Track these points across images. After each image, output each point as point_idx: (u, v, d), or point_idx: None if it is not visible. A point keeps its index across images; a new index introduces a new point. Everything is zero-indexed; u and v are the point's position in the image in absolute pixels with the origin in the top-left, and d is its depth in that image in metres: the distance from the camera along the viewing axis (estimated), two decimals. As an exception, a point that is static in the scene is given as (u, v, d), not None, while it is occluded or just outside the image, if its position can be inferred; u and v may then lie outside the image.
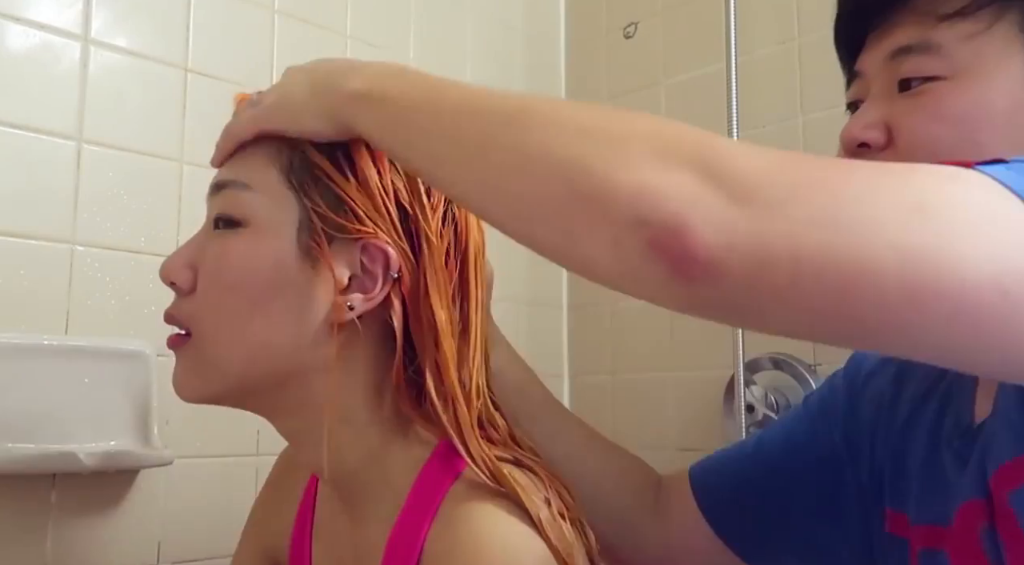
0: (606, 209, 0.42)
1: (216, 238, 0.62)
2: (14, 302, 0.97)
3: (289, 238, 0.60)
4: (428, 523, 0.59)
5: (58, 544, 0.98)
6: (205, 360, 0.62)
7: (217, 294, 0.61)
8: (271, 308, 0.60)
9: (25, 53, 1.01)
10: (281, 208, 0.61)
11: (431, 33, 1.47)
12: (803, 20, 1.36)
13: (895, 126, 0.62)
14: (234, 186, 0.62)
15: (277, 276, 0.60)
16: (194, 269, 0.63)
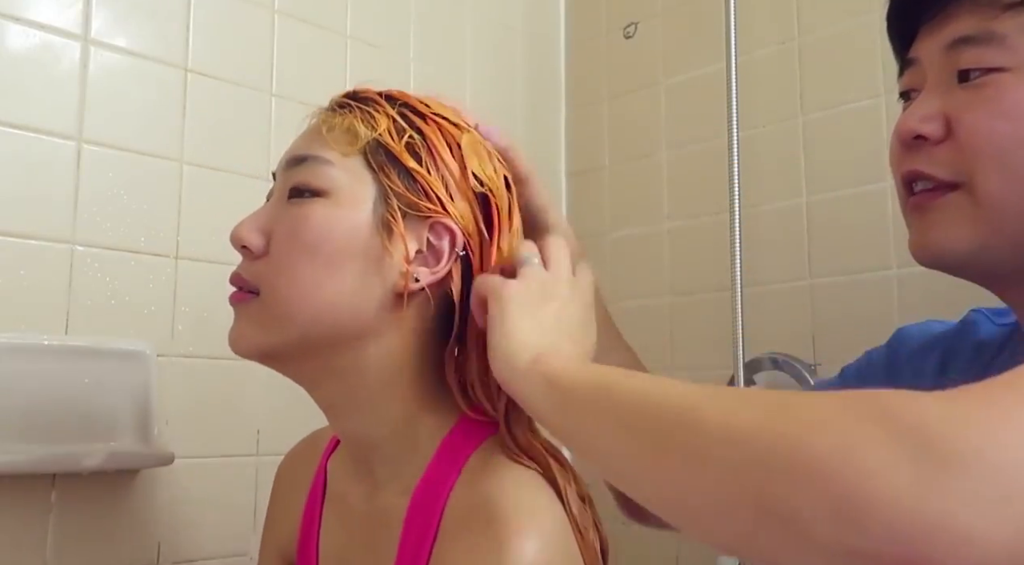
0: (805, 535, 0.36)
1: (294, 206, 0.66)
2: (14, 302, 0.97)
3: (366, 210, 0.65)
4: (451, 484, 0.62)
5: (58, 544, 0.98)
6: (271, 315, 0.65)
7: (293, 254, 0.65)
8: (343, 271, 0.64)
9: (25, 53, 1.01)
10: (360, 184, 0.65)
11: (431, 33, 1.47)
12: (803, 20, 1.36)
13: (954, 119, 0.60)
14: (316, 161, 0.66)
15: (352, 242, 0.64)
16: (266, 234, 0.66)
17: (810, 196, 1.33)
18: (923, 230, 0.63)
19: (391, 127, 0.67)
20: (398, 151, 0.66)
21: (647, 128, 1.55)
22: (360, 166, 0.66)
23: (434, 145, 0.67)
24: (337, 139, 0.66)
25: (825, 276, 1.30)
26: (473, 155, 0.68)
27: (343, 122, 0.67)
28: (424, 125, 0.68)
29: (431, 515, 0.62)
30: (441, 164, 0.66)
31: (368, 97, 0.70)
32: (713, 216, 1.42)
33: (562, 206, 1.67)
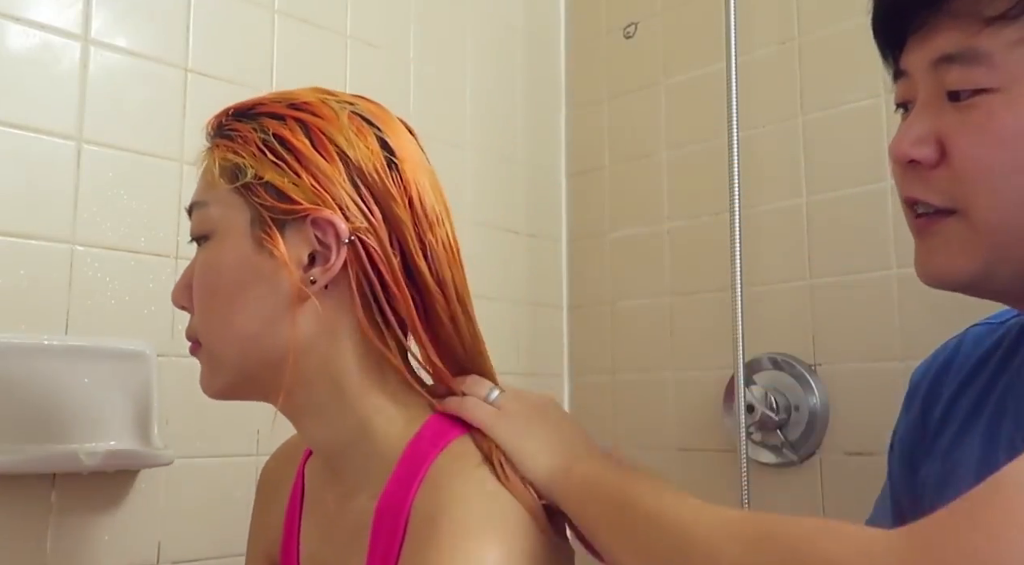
0: None
1: (197, 255, 0.71)
2: (14, 302, 0.97)
3: (244, 235, 0.67)
4: (415, 488, 0.63)
5: (58, 544, 0.98)
6: (212, 360, 0.70)
7: (204, 302, 0.69)
8: (246, 301, 0.67)
9: (25, 53, 1.01)
10: (234, 212, 0.67)
11: (431, 33, 1.47)
12: (803, 20, 1.36)
13: (947, 142, 0.59)
14: (197, 207, 0.70)
15: (242, 272, 0.67)
16: (191, 288, 0.71)
17: (810, 196, 1.33)
18: (925, 254, 0.63)
19: (253, 147, 0.67)
20: (259, 166, 0.66)
21: (647, 128, 1.55)
22: (231, 195, 0.67)
23: (293, 145, 0.66)
24: (207, 178, 0.69)
25: (825, 276, 1.30)
26: (339, 136, 0.67)
27: (209, 160, 0.70)
28: (282, 127, 0.67)
29: (397, 520, 0.62)
30: (305, 160, 0.66)
31: (228, 125, 0.70)
32: (713, 216, 1.42)
33: (562, 206, 1.67)
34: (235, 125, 0.69)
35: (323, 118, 0.68)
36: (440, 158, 1.46)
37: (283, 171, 0.66)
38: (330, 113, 0.68)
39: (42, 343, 0.97)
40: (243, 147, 0.67)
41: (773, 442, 1.30)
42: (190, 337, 0.72)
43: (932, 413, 0.74)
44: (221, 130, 0.70)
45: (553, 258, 1.64)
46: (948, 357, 0.76)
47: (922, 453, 0.74)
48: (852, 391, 1.25)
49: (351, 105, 0.70)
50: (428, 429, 0.67)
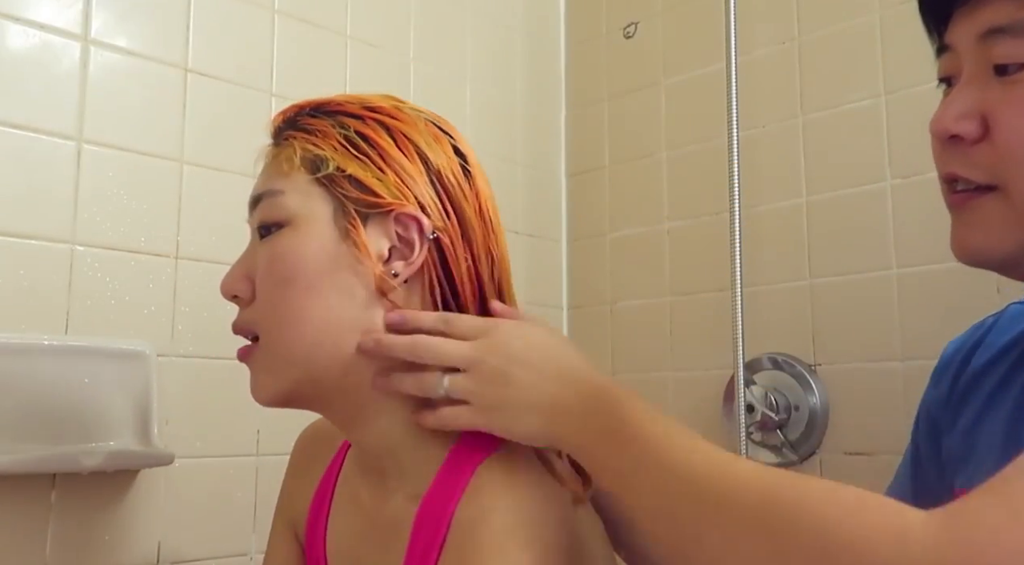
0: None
1: (263, 245, 0.68)
2: (14, 302, 0.97)
3: (327, 225, 0.66)
4: (459, 495, 0.63)
5: (58, 544, 0.98)
6: (276, 356, 0.67)
7: (275, 292, 0.66)
8: (325, 291, 0.65)
9: (25, 53, 1.01)
10: (315, 202, 0.66)
11: (431, 33, 1.47)
12: (803, 20, 1.36)
13: (991, 117, 0.57)
14: (268, 195, 0.68)
15: (323, 261, 0.65)
16: (250, 279, 0.68)
17: (810, 196, 1.33)
18: (961, 230, 0.62)
19: (334, 141, 0.67)
20: (341, 159, 0.67)
21: (647, 128, 1.55)
22: (311, 185, 0.67)
23: (376, 142, 0.67)
24: (283, 168, 0.68)
25: (825, 276, 1.30)
26: (419, 139, 0.68)
27: (287, 151, 0.68)
28: (363, 126, 0.68)
29: (438, 525, 0.62)
30: (388, 157, 0.67)
31: (302, 120, 0.70)
32: (713, 216, 1.42)
33: (562, 206, 1.67)
34: (310, 121, 0.69)
35: (402, 121, 0.69)
36: (440, 158, 1.47)
37: (367, 165, 0.66)
38: (408, 117, 0.69)
39: (42, 343, 0.97)
40: (323, 140, 0.67)
41: (773, 442, 1.31)
42: (243, 330, 0.69)
43: (957, 387, 0.74)
44: (296, 124, 0.70)
45: (553, 258, 1.64)
46: (982, 335, 0.75)
47: (945, 426, 0.74)
48: (852, 391, 1.25)
49: (422, 113, 0.72)
50: (470, 435, 0.66)
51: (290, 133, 0.70)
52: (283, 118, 0.72)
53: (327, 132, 0.68)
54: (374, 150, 0.67)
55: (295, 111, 0.72)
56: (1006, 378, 0.68)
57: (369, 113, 0.69)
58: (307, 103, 0.72)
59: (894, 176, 1.24)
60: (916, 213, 1.21)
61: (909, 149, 1.23)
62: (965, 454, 0.69)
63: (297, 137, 0.69)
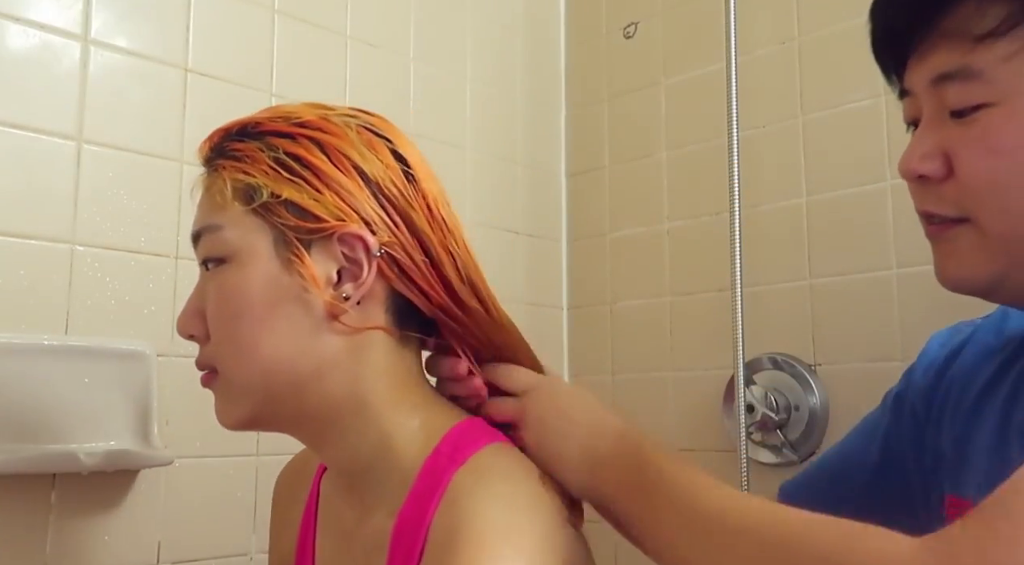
0: None
1: (210, 280, 0.67)
2: (14, 302, 0.97)
3: (269, 258, 0.65)
4: (434, 505, 0.62)
5: (58, 544, 0.98)
6: (234, 387, 0.67)
7: (225, 327, 0.66)
8: (274, 323, 0.65)
9: (25, 53, 1.01)
10: (254, 235, 0.65)
11: (431, 33, 1.47)
12: (803, 20, 1.36)
13: (953, 155, 0.61)
14: (208, 231, 0.67)
15: (268, 294, 0.65)
16: (202, 316, 0.68)
17: (810, 196, 1.33)
18: (941, 260, 0.65)
19: (264, 166, 0.65)
20: (274, 185, 0.64)
21: (647, 128, 1.55)
22: (247, 217, 0.65)
23: (309, 161, 0.65)
24: (217, 200, 0.66)
25: (825, 276, 1.30)
26: (353, 151, 0.66)
27: (218, 182, 0.66)
28: (293, 145, 0.66)
29: (415, 537, 0.61)
30: (324, 176, 0.65)
31: (229, 146, 0.68)
32: (713, 216, 1.42)
33: (562, 206, 1.67)
34: (237, 145, 0.67)
35: (333, 134, 0.66)
36: (440, 158, 1.46)
37: (302, 188, 0.64)
38: (338, 129, 0.67)
39: (42, 343, 0.97)
40: (253, 166, 0.65)
41: (773, 442, 1.30)
42: (204, 366, 0.69)
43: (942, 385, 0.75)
44: (223, 151, 0.68)
45: (553, 258, 1.64)
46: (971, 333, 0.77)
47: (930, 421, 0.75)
48: (852, 391, 1.25)
49: (354, 118, 0.69)
50: (446, 444, 0.65)
51: (219, 161, 0.67)
52: (210, 145, 0.69)
53: (256, 156, 0.66)
54: (308, 170, 0.65)
55: (221, 136, 0.69)
56: (994, 380, 0.69)
57: (297, 130, 0.66)
58: (232, 125, 0.69)
59: (894, 176, 1.24)
60: (916, 213, 1.21)
61: (909, 149, 1.23)
62: (956, 460, 0.69)
63: (226, 166, 0.66)
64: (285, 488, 0.84)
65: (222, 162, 0.67)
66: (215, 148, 0.69)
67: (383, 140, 0.68)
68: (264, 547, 0.85)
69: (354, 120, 0.68)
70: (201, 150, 0.70)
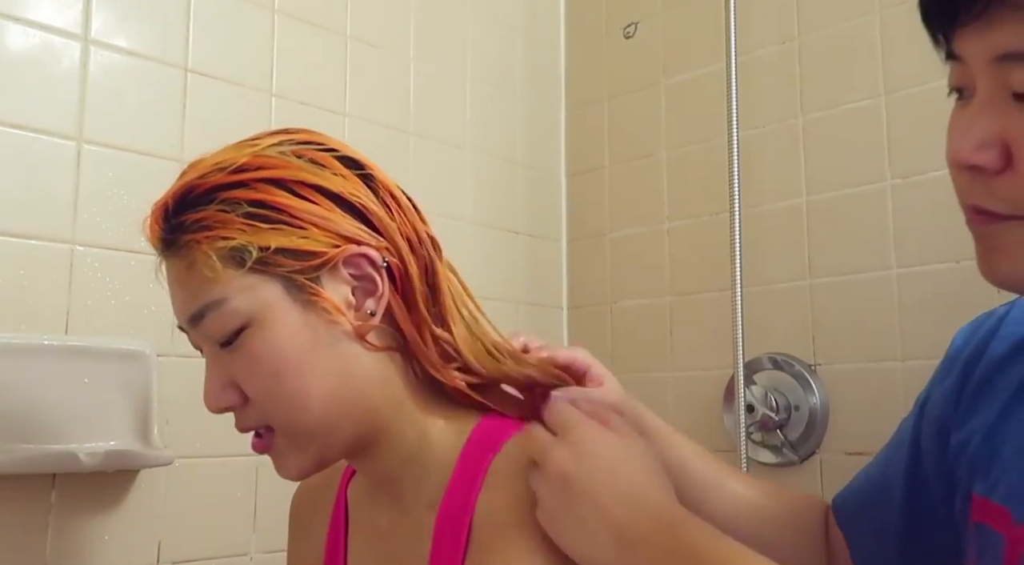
0: None
1: (232, 353, 0.65)
2: (14, 302, 0.97)
3: (287, 308, 0.64)
4: (477, 491, 0.63)
5: (58, 544, 0.98)
6: (296, 438, 0.66)
7: (269, 387, 0.65)
8: (314, 365, 0.65)
9: (25, 53, 1.01)
10: (261, 292, 0.64)
11: (431, 33, 1.47)
12: (803, 20, 1.36)
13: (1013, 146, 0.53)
14: (211, 309, 0.64)
15: (301, 340, 0.64)
16: (234, 385, 0.66)
17: (810, 196, 1.33)
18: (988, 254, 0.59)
19: (238, 224, 0.63)
20: (258, 239, 0.63)
21: (647, 128, 1.55)
22: (247, 277, 0.64)
23: (278, 203, 0.64)
24: (207, 275, 0.63)
25: (825, 276, 1.30)
26: (308, 177, 0.65)
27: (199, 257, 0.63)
28: (253, 193, 0.64)
29: (460, 525, 0.63)
30: (297, 212, 0.64)
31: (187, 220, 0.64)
32: (713, 216, 1.42)
33: (562, 206, 1.67)
34: (196, 216, 0.64)
35: (278, 167, 0.65)
36: (440, 158, 1.47)
37: (285, 232, 0.63)
38: (279, 160, 0.65)
39: (42, 343, 0.97)
40: (226, 229, 0.63)
41: (773, 442, 1.31)
42: (252, 428, 0.67)
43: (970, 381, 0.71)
44: (183, 227, 0.64)
45: (553, 258, 1.64)
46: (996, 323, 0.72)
47: (955, 423, 0.71)
48: (852, 391, 1.25)
49: (285, 144, 0.67)
50: (477, 436, 0.67)
51: (186, 238, 0.64)
52: (161, 227, 0.66)
53: (223, 219, 0.63)
54: (280, 212, 0.63)
55: (167, 215, 0.65)
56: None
57: (242, 177, 0.64)
58: (168, 201, 0.66)
59: (894, 176, 1.24)
60: (916, 213, 1.21)
61: (909, 149, 1.23)
62: (986, 457, 0.65)
63: (199, 239, 0.63)
64: (304, 508, 0.83)
65: (191, 237, 0.64)
66: (171, 228, 0.65)
67: (324, 152, 0.67)
68: (264, 547, 0.84)
69: (287, 145, 0.67)
70: (153, 234, 0.67)
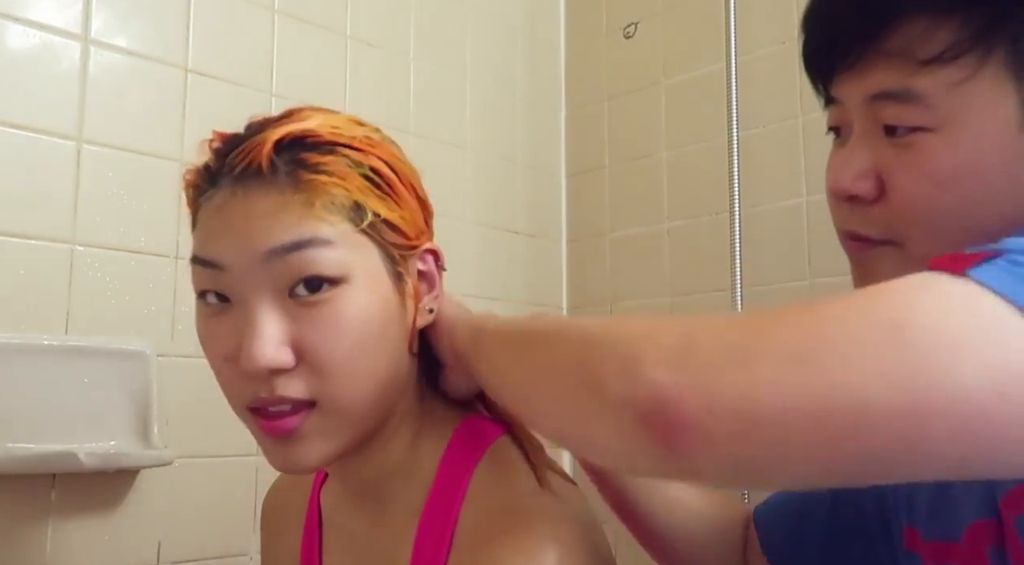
0: (602, 393, 0.45)
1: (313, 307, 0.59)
2: (14, 302, 0.97)
3: (383, 277, 0.61)
4: (459, 501, 0.62)
5: (58, 544, 0.98)
6: (338, 419, 0.60)
7: (345, 354, 0.59)
8: (384, 346, 0.62)
9: (25, 53, 1.01)
10: (364, 253, 0.61)
11: (431, 33, 1.47)
12: (803, 20, 1.36)
13: (886, 177, 0.59)
14: (316, 244, 0.58)
15: (385, 317, 0.61)
16: (290, 344, 0.59)
17: (810, 196, 1.33)
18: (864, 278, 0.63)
19: (356, 182, 0.61)
20: (373, 203, 0.61)
21: (647, 128, 1.55)
22: (356, 236, 0.60)
23: (387, 177, 0.63)
24: (320, 215, 0.59)
25: (825, 276, 1.30)
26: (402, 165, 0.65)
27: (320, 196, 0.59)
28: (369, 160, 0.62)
29: (442, 532, 0.61)
30: (399, 192, 0.63)
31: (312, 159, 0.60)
32: (713, 216, 1.42)
33: (562, 206, 1.67)
34: (320, 159, 0.60)
35: (387, 148, 0.65)
36: (440, 158, 1.47)
37: (391, 206, 0.62)
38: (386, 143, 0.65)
39: (42, 343, 0.97)
40: (348, 183, 0.60)
41: (773, 442, 1.30)
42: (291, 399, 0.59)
43: None
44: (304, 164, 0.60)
45: (553, 258, 1.64)
46: None
47: None
48: (852, 391, 1.25)
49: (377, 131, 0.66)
50: (457, 441, 0.65)
51: (305, 175, 0.59)
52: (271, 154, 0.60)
53: (346, 173, 0.60)
54: (388, 187, 0.63)
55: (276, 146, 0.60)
56: None
57: (359, 144, 0.62)
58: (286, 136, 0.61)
59: (894, 176, 1.24)
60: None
61: (909, 149, 1.23)
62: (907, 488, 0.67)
63: (321, 180, 0.59)
64: (276, 513, 0.81)
65: (314, 177, 0.59)
66: (289, 160, 0.60)
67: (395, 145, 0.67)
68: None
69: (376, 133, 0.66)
70: (257, 155, 0.59)
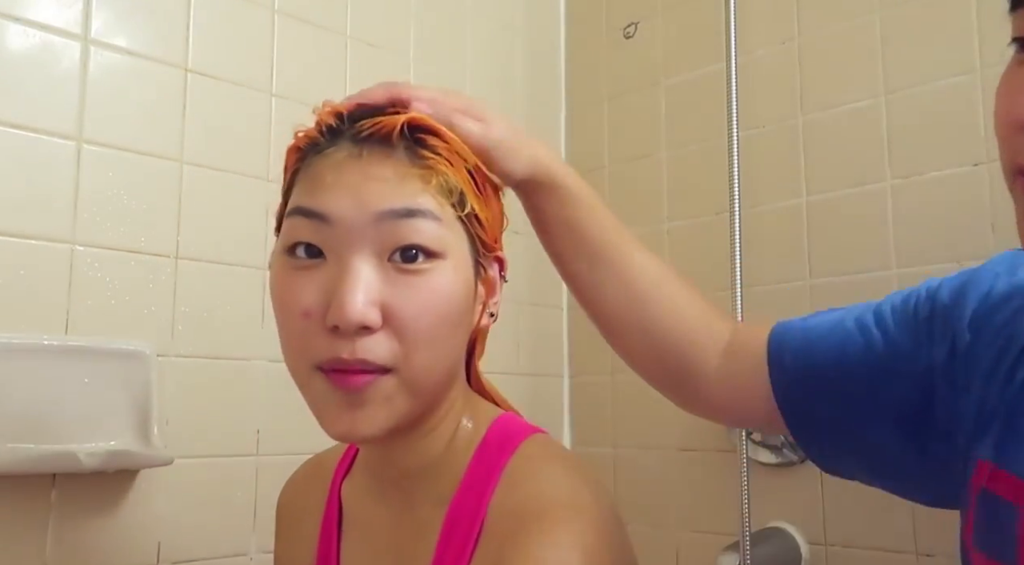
0: None
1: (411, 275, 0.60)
2: (14, 302, 0.97)
3: (471, 264, 0.65)
4: (491, 489, 0.63)
5: (58, 544, 0.98)
6: (407, 390, 0.61)
7: (431, 328, 0.60)
8: (460, 327, 0.64)
9: (25, 53, 1.01)
10: (460, 239, 0.64)
11: (431, 33, 1.47)
12: (803, 20, 1.36)
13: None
14: (426, 216, 0.60)
15: (467, 301, 0.64)
16: (379, 305, 0.59)
17: (810, 196, 1.33)
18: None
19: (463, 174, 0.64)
20: (472, 197, 0.64)
21: (647, 128, 1.55)
22: (456, 223, 0.63)
23: (485, 178, 0.67)
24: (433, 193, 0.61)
25: (825, 276, 1.30)
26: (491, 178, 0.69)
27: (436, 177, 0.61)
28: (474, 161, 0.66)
29: (471, 522, 0.62)
30: (489, 195, 0.68)
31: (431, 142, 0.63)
32: (713, 216, 1.42)
33: (562, 206, 1.67)
34: (437, 143, 0.63)
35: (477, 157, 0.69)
36: (440, 158, 1.47)
37: (483, 205, 0.66)
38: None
39: (42, 343, 0.97)
40: (457, 172, 0.63)
41: (773, 442, 1.30)
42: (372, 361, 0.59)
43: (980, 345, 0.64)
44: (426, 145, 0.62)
45: (553, 258, 1.64)
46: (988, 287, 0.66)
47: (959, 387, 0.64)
48: (852, 391, 1.25)
49: None
50: (492, 435, 0.67)
51: (427, 155, 0.62)
52: (402, 128, 0.62)
53: (456, 163, 0.63)
54: (483, 187, 0.66)
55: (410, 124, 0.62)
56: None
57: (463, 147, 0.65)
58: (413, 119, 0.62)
59: (894, 176, 1.24)
60: (916, 213, 1.21)
61: (909, 149, 1.23)
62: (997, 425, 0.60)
63: (441, 164, 0.62)
64: (294, 502, 0.81)
65: (435, 158, 0.62)
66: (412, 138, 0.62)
67: None
68: (264, 547, 0.84)
69: None
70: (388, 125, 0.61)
